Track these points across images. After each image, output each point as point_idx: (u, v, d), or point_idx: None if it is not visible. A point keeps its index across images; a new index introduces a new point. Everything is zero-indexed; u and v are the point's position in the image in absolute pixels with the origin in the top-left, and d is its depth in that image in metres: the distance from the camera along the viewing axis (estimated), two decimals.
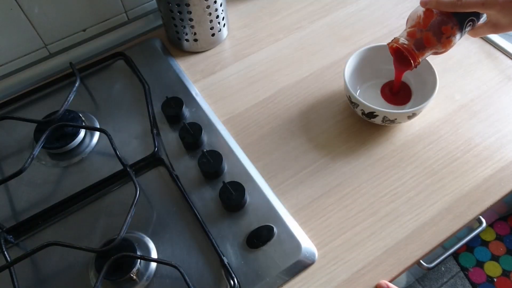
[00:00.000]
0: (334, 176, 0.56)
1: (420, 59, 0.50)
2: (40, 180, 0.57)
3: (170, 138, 0.60)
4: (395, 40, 0.51)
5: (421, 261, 0.53)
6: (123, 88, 0.66)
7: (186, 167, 0.57)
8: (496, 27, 0.49)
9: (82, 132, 0.60)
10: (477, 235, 0.87)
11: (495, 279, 1.29)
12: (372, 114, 0.56)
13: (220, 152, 0.55)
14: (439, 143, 0.59)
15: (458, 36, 0.49)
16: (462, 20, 0.48)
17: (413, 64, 0.50)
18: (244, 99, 0.65)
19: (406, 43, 0.50)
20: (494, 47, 0.68)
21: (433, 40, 0.49)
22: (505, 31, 0.48)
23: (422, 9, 0.50)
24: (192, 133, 0.57)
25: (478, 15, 0.49)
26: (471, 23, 0.49)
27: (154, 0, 0.74)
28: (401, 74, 0.57)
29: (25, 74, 0.69)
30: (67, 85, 0.67)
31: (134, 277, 0.48)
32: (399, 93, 0.61)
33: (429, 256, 0.52)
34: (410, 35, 0.50)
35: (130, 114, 0.63)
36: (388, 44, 0.52)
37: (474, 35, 0.53)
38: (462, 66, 0.66)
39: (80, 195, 0.55)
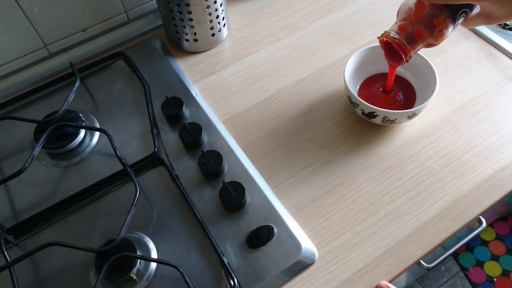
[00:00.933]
0: (334, 176, 0.56)
1: (412, 53, 0.49)
2: (40, 180, 0.57)
3: (170, 138, 0.60)
4: (386, 34, 0.50)
5: (421, 261, 0.53)
6: (123, 88, 0.66)
7: (186, 167, 0.57)
8: (490, 19, 0.47)
9: (82, 132, 0.60)
10: (477, 235, 0.87)
11: (495, 279, 1.29)
12: (372, 114, 0.56)
13: (220, 152, 0.55)
14: (439, 143, 0.59)
15: (450, 28, 0.48)
16: (455, 12, 0.47)
17: (404, 59, 0.49)
18: (244, 99, 0.65)
19: (397, 37, 0.48)
20: (494, 47, 0.68)
21: (425, 33, 0.48)
22: (499, 23, 0.47)
23: (413, 0, 0.48)
24: (192, 133, 0.57)
25: (471, 7, 0.47)
26: (464, 14, 0.48)
27: (154, 0, 0.74)
28: (393, 69, 0.56)
29: (25, 74, 0.69)
30: (67, 85, 0.67)
31: (134, 277, 0.48)
32: (392, 93, 0.60)
33: (429, 256, 0.52)
34: (401, 28, 0.48)
35: (130, 114, 0.63)
36: (378, 38, 0.51)
37: (466, 26, 0.51)
38: (462, 66, 0.66)
39: (80, 195, 0.55)
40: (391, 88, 0.59)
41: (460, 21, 0.48)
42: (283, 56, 0.70)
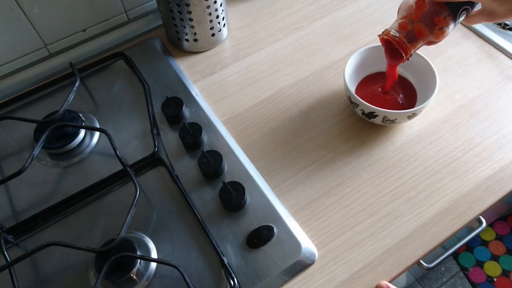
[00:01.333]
0: (334, 176, 0.56)
1: (412, 51, 0.49)
2: (40, 180, 0.57)
3: (170, 138, 0.60)
4: (386, 32, 0.50)
5: (421, 261, 0.53)
6: (123, 88, 0.66)
7: (186, 167, 0.57)
8: (491, 16, 0.47)
9: (82, 132, 0.60)
10: (477, 235, 0.87)
11: (495, 279, 1.29)
12: (372, 114, 0.56)
13: (220, 152, 0.55)
14: (439, 143, 0.59)
15: (451, 26, 0.48)
16: (456, 10, 0.47)
17: (404, 57, 0.49)
18: (244, 99, 0.65)
19: (397, 35, 0.48)
20: (494, 47, 0.68)
21: (425, 31, 0.47)
22: (501, 20, 0.47)
23: None
24: (192, 133, 0.57)
25: (472, 4, 0.47)
26: (465, 12, 0.47)
27: (154, 0, 0.74)
28: (393, 68, 0.56)
29: (25, 74, 0.69)
30: (67, 85, 0.67)
31: (134, 277, 0.48)
32: (392, 93, 0.60)
33: (429, 256, 0.52)
34: (401, 26, 0.48)
35: (130, 114, 0.63)
36: (379, 36, 0.51)
37: (468, 23, 0.51)
38: (462, 66, 0.66)
39: (80, 195, 0.55)
40: (390, 87, 0.59)
41: (461, 19, 0.48)
42: (283, 56, 0.70)
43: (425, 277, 1.30)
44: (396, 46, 0.49)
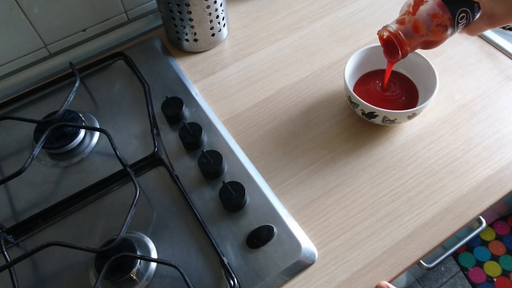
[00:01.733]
0: (334, 176, 0.56)
1: (409, 48, 0.49)
2: (40, 180, 0.57)
3: (170, 138, 0.60)
4: (384, 28, 0.50)
5: (421, 261, 0.53)
6: (123, 88, 0.66)
7: (186, 167, 0.57)
8: (492, 19, 0.46)
9: (82, 132, 0.60)
10: (477, 235, 0.87)
11: (494, 279, 1.29)
12: (372, 114, 0.56)
13: (220, 152, 0.55)
14: (439, 143, 0.59)
15: (450, 29, 0.48)
16: (454, 11, 0.47)
17: (400, 52, 0.49)
18: (244, 99, 0.65)
19: (394, 28, 0.49)
20: (494, 47, 0.68)
21: (422, 27, 0.48)
22: (503, 23, 0.46)
23: None
24: (192, 133, 0.57)
25: (472, 8, 0.47)
26: (464, 14, 0.47)
27: (154, 0, 0.74)
28: (390, 66, 0.56)
29: (25, 74, 0.69)
30: (67, 85, 0.67)
31: (134, 277, 0.48)
32: (392, 93, 0.60)
33: (429, 256, 0.52)
34: (399, 22, 0.49)
35: (130, 114, 0.63)
36: (378, 33, 0.51)
37: (471, 33, 0.50)
38: (462, 66, 0.66)
39: (80, 195, 0.55)
40: (386, 85, 0.59)
41: (461, 22, 0.48)
42: (283, 56, 0.70)
43: (425, 277, 1.30)
44: (392, 39, 0.49)
